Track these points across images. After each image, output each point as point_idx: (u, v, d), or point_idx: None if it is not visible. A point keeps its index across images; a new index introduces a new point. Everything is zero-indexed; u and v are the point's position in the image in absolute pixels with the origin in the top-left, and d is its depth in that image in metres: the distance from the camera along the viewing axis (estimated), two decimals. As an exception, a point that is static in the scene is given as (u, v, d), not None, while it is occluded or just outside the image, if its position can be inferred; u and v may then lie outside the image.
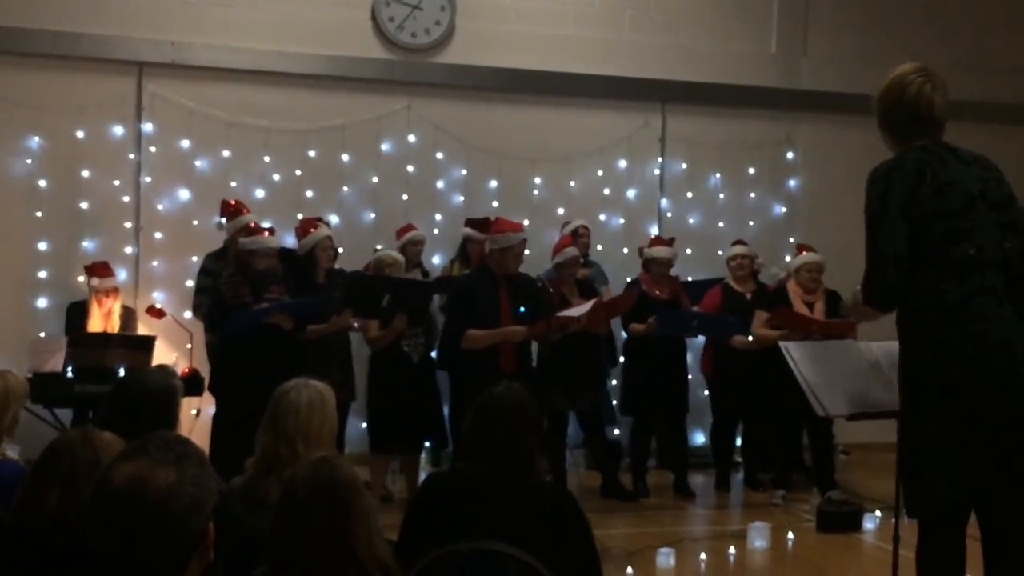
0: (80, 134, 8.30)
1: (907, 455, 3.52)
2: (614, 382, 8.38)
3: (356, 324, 7.04)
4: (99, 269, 7.72)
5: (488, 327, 6.46)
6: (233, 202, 7.54)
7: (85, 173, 8.32)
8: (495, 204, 8.98)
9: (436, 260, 8.79)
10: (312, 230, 7.21)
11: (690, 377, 8.11)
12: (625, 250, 9.18)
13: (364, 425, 7.27)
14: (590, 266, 8.42)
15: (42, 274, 8.22)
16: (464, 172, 9.08)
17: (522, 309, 6.55)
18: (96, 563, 1.86)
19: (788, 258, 9.43)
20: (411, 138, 8.97)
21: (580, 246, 8.20)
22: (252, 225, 6.98)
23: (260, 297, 6.54)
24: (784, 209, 9.79)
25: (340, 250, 7.66)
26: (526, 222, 8.81)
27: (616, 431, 8.46)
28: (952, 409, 3.37)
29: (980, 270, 3.38)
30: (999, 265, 3.40)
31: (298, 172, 8.73)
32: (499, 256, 6.60)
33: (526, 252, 6.92)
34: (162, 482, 1.84)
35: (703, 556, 5.97)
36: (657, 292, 7.75)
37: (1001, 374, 3.34)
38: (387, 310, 6.80)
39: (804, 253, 7.61)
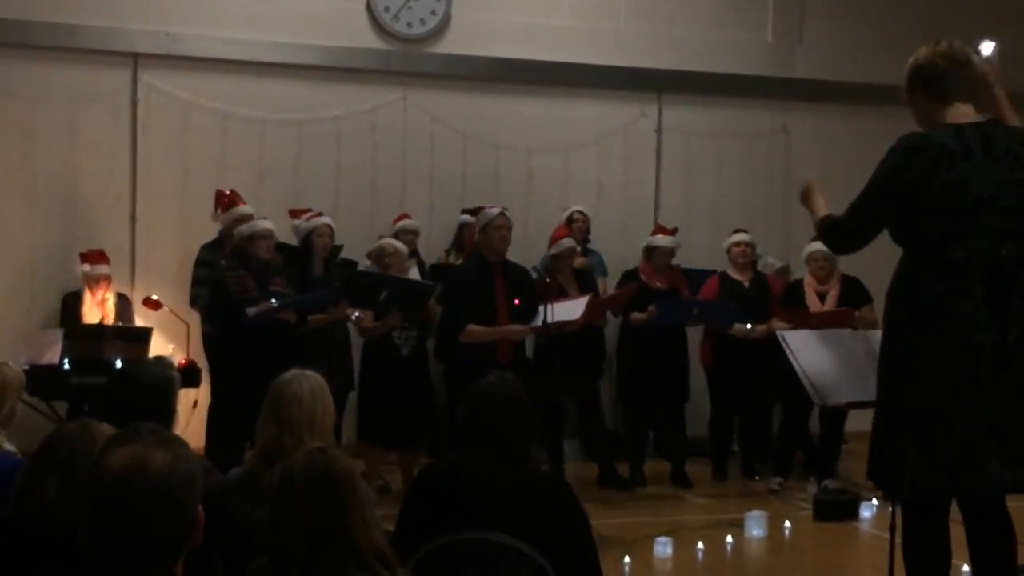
0: (75, 125, 8.28)
1: (881, 434, 3.53)
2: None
3: (353, 316, 7.01)
4: (92, 256, 7.73)
5: (485, 320, 6.43)
6: (228, 193, 7.54)
7: (80, 164, 8.31)
8: (491, 194, 8.97)
9: (432, 251, 8.76)
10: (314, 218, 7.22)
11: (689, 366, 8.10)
12: (621, 240, 9.18)
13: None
14: (588, 254, 8.41)
15: (38, 266, 8.21)
16: (460, 162, 9.07)
17: (517, 302, 6.52)
18: (96, 553, 1.87)
19: (784, 247, 9.47)
20: (407, 128, 8.95)
21: (577, 232, 8.20)
22: (246, 213, 7.00)
23: (265, 289, 6.52)
24: (780, 198, 9.78)
25: (339, 243, 7.59)
26: (523, 213, 8.85)
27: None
28: (920, 400, 3.36)
29: (963, 273, 3.33)
30: (987, 270, 3.33)
31: (294, 163, 8.71)
32: (484, 237, 6.57)
33: (523, 243, 6.90)
34: (161, 461, 1.88)
35: (700, 545, 5.99)
36: (657, 283, 7.74)
37: (965, 378, 3.31)
38: (383, 304, 6.79)
39: (814, 242, 7.61)
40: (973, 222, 3.33)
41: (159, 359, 4.25)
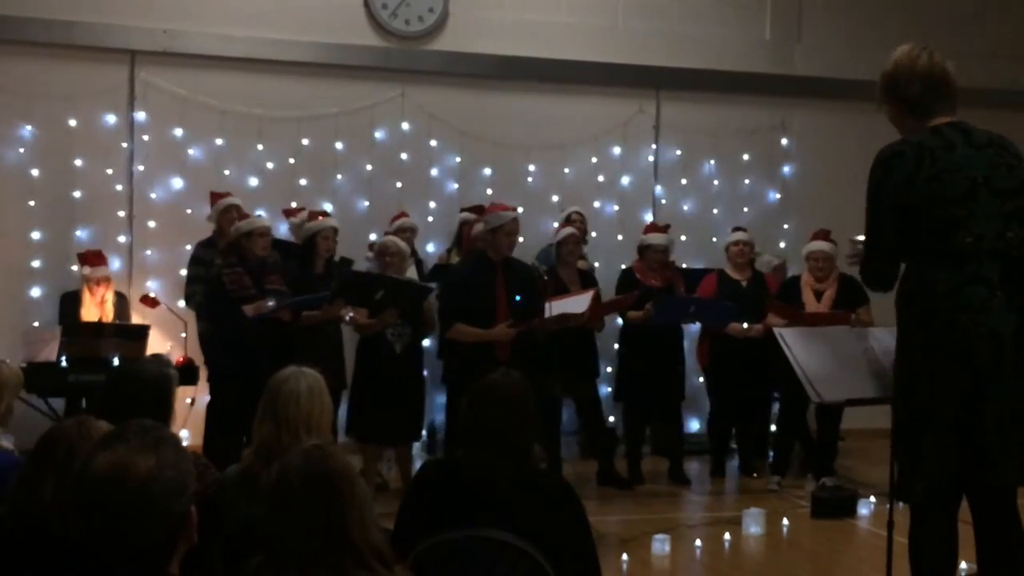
0: (73, 123, 8.28)
1: (899, 439, 3.53)
2: (608, 368, 8.41)
3: (348, 316, 7.01)
4: (91, 257, 7.71)
5: (484, 318, 6.41)
6: (222, 194, 7.56)
7: (78, 162, 8.30)
8: (489, 192, 8.97)
9: (430, 248, 8.78)
10: (320, 218, 7.24)
11: (686, 364, 8.10)
12: (620, 237, 9.20)
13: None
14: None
15: (35, 263, 8.20)
16: (458, 160, 9.07)
17: (518, 298, 6.50)
18: (85, 551, 1.87)
19: (782, 244, 9.49)
20: (405, 126, 8.95)
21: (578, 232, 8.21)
22: (238, 212, 7.03)
23: (261, 287, 6.51)
24: (778, 195, 9.78)
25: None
26: (520, 210, 8.83)
27: (611, 418, 8.51)
28: (940, 396, 3.37)
29: (976, 259, 3.34)
30: (998, 255, 3.35)
31: (292, 160, 8.71)
32: (491, 237, 6.56)
33: (521, 240, 6.88)
34: (143, 467, 1.87)
35: (698, 542, 6.00)
36: (652, 281, 7.73)
37: (986, 367, 3.32)
38: (379, 304, 6.79)
39: (814, 241, 7.60)
40: (973, 205, 3.34)
41: (156, 357, 4.24)
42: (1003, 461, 3.34)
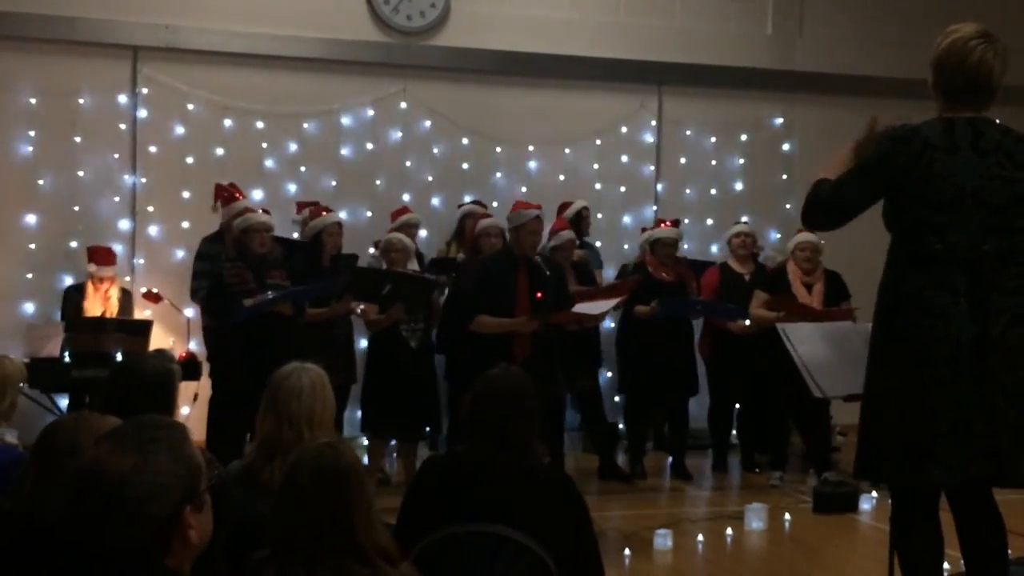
0: (75, 118, 8.28)
1: (862, 426, 3.56)
2: (609, 375, 8.40)
3: (358, 310, 7.03)
4: (100, 255, 7.69)
5: (502, 312, 6.38)
6: (227, 185, 7.54)
7: (80, 157, 8.31)
8: (491, 187, 8.97)
9: (430, 243, 8.76)
10: (323, 214, 7.25)
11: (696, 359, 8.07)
12: (624, 223, 9.18)
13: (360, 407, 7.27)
14: (586, 248, 8.40)
15: (38, 258, 8.21)
16: (459, 155, 9.06)
17: (539, 296, 6.47)
18: (78, 547, 1.88)
19: (776, 235, 9.47)
20: (407, 121, 8.94)
21: (584, 228, 8.19)
22: (246, 208, 7.02)
23: (262, 282, 6.52)
24: (780, 190, 9.77)
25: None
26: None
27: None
28: (897, 395, 3.38)
29: (944, 265, 3.32)
30: (968, 264, 3.31)
31: (293, 155, 8.71)
32: (515, 235, 6.55)
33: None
34: (116, 468, 1.86)
35: (700, 537, 6.00)
36: (664, 275, 7.71)
37: (941, 372, 3.30)
38: (386, 298, 6.80)
39: (802, 233, 7.59)
40: (954, 214, 3.32)
41: (160, 352, 4.24)
42: (944, 463, 3.31)
